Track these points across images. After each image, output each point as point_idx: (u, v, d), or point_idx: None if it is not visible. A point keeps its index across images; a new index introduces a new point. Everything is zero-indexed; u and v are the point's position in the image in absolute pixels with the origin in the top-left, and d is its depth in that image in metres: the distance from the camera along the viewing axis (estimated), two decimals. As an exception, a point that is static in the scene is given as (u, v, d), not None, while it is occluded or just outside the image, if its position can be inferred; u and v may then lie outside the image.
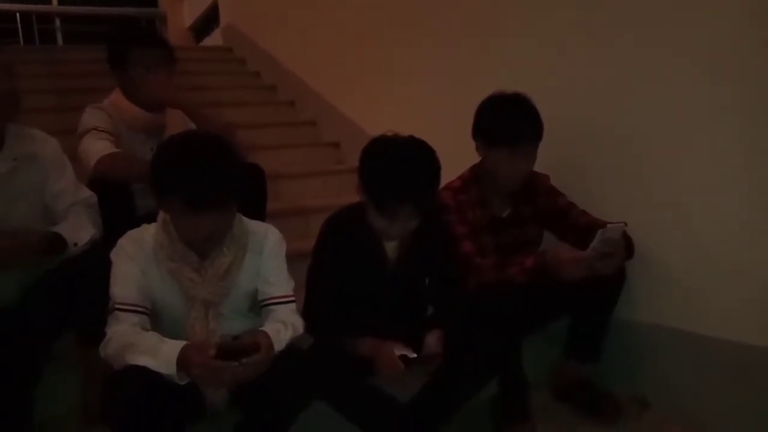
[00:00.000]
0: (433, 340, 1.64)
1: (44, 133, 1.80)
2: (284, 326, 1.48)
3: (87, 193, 1.84)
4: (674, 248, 1.94)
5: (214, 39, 6.87)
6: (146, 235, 1.50)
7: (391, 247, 1.74)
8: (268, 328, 1.44)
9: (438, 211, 1.83)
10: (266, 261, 1.57)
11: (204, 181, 1.36)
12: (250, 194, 2.09)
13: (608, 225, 1.76)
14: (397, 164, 1.57)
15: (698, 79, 1.84)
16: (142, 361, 1.31)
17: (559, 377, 2.03)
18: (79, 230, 1.69)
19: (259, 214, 2.10)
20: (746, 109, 1.73)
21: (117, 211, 1.85)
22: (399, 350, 1.58)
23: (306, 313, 1.64)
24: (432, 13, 2.98)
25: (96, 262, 1.50)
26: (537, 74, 2.33)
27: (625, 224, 1.79)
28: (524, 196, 2.03)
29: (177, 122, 2.20)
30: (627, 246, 1.84)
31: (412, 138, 1.64)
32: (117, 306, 1.43)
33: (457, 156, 2.00)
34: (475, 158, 2.02)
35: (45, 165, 1.76)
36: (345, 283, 1.70)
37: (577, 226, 2.00)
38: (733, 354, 1.78)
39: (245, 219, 1.58)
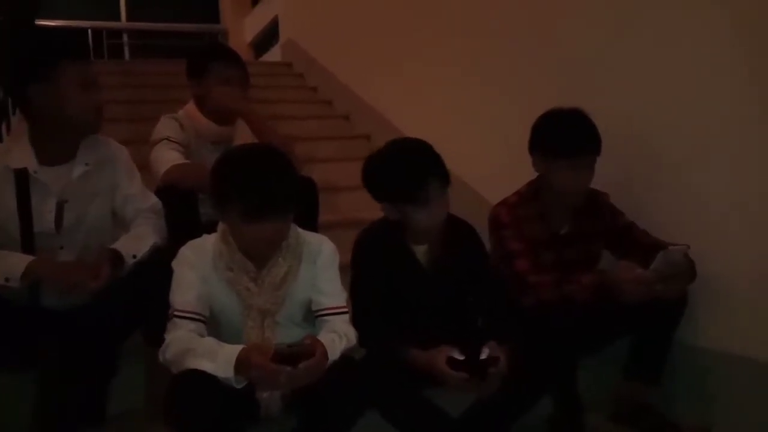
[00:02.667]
0: (492, 349, 1.60)
1: (117, 142, 1.89)
2: (338, 337, 1.50)
3: (153, 200, 1.91)
4: (739, 272, 1.87)
5: (273, 55, 7.03)
6: (207, 244, 1.55)
7: (420, 251, 1.78)
8: (323, 338, 1.46)
9: (460, 220, 1.85)
10: (320, 271, 1.59)
11: (262, 190, 1.41)
12: (303, 206, 2.14)
13: (670, 247, 1.72)
14: (405, 151, 1.71)
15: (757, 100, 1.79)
16: (201, 364, 1.35)
17: (620, 399, 1.97)
18: (140, 241, 1.76)
19: (312, 225, 2.14)
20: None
21: (182, 219, 1.92)
22: (449, 353, 1.57)
23: (355, 324, 1.65)
24: (487, 26, 2.99)
25: (161, 267, 1.56)
26: (589, 89, 2.31)
27: (688, 246, 1.75)
28: (585, 213, 2.00)
29: (245, 135, 2.28)
30: (689, 269, 1.80)
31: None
32: (176, 313, 1.47)
33: (512, 172, 2.00)
34: (527, 176, 2.01)
35: (117, 169, 1.84)
36: (385, 291, 1.73)
37: (639, 246, 1.96)
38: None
39: (300, 230, 1.61)
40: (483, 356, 1.57)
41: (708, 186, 1.96)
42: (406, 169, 1.68)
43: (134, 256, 1.72)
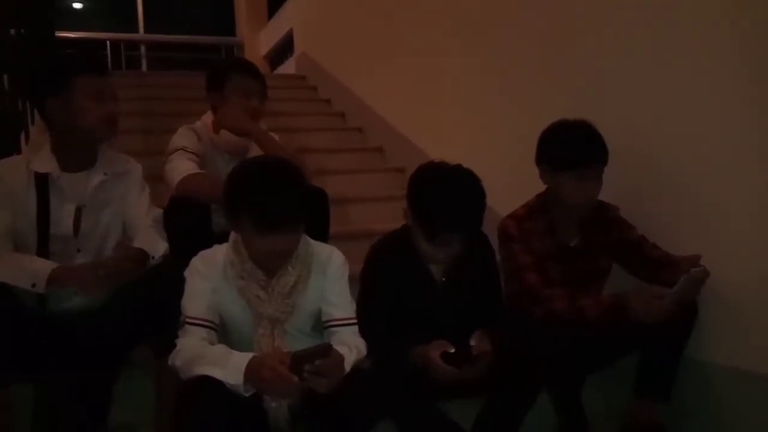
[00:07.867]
0: (478, 339, 1.63)
1: (134, 160, 1.99)
2: (349, 349, 1.50)
3: (157, 212, 1.97)
4: (750, 285, 1.85)
5: (287, 67, 7.11)
6: (218, 254, 1.57)
7: (436, 269, 1.78)
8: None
9: (481, 233, 1.84)
10: (330, 282, 1.60)
11: (274, 204, 1.42)
12: (314, 217, 2.15)
13: (692, 270, 1.73)
14: (448, 197, 1.64)
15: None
16: (210, 371, 1.36)
17: (631, 418, 1.92)
18: (154, 245, 1.81)
19: (322, 236, 2.15)
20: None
21: (194, 229, 1.94)
22: (443, 347, 1.60)
23: (362, 334, 1.65)
24: (498, 43, 3.01)
25: (172, 275, 1.58)
26: (600, 102, 2.31)
27: (707, 271, 1.77)
28: (595, 226, 1.99)
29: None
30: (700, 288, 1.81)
31: (459, 167, 1.70)
32: (187, 320, 1.50)
33: (520, 184, 2.01)
34: (537, 187, 2.01)
35: (130, 182, 1.93)
36: (395, 306, 1.73)
37: (650, 260, 1.96)
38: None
39: (311, 240, 1.63)
40: (472, 347, 1.61)
41: (718, 195, 1.94)
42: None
43: (152, 257, 1.77)
